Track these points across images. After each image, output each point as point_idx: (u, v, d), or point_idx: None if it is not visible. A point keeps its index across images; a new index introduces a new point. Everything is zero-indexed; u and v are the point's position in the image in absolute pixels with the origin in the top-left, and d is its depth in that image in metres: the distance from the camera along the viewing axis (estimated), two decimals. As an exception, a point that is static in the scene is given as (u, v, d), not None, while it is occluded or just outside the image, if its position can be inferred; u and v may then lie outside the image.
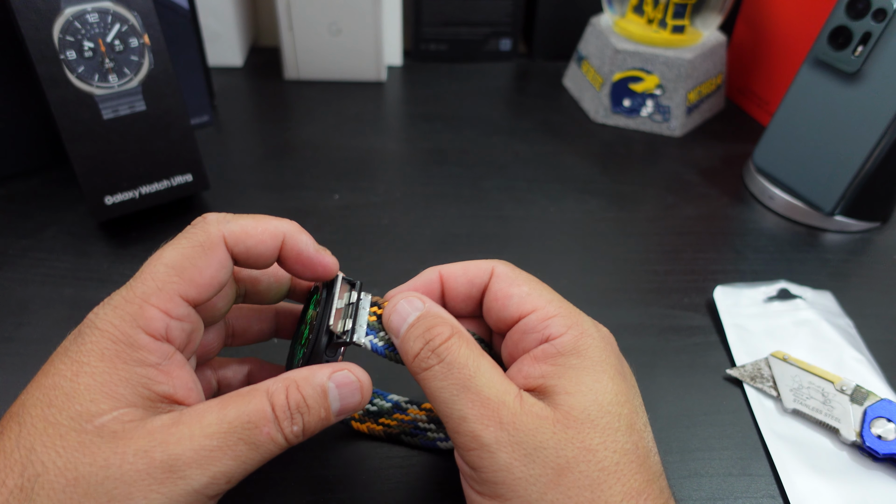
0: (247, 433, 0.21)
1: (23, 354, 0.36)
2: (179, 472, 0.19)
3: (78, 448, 0.19)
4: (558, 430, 0.21)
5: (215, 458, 0.20)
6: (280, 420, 0.21)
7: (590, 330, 0.24)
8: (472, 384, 0.22)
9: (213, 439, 0.20)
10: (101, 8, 0.39)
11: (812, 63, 0.47)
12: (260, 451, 0.21)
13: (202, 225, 0.24)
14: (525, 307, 0.25)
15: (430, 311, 0.25)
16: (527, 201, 0.50)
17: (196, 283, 0.23)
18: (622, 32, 0.60)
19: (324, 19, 0.62)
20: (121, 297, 0.22)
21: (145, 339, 0.21)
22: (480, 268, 0.27)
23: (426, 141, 0.58)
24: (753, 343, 0.38)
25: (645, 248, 0.46)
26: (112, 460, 0.19)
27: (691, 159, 0.57)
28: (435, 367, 0.23)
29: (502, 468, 0.21)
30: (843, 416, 0.33)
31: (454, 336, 0.23)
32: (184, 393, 0.22)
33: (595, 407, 0.22)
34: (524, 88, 0.69)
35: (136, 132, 0.41)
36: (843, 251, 0.47)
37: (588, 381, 0.23)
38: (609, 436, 0.22)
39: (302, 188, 0.50)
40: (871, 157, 0.45)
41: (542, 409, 0.22)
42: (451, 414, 0.22)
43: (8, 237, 0.44)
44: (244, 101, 0.63)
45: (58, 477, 0.19)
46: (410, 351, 0.24)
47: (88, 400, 0.20)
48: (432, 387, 0.23)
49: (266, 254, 0.25)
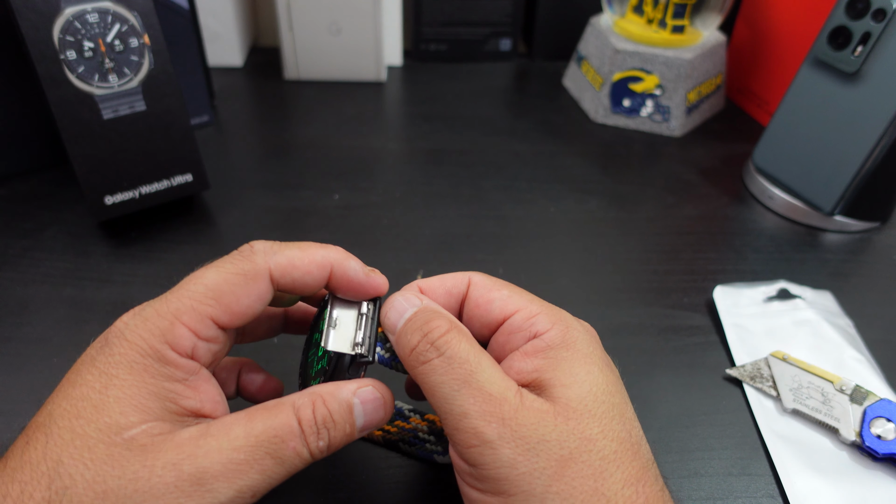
0: (273, 447, 0.21)
1: (23, 354, 0.36)
2: (207, 486, 0.19)
3: (106, 461, 0.19)
4: (559, 422, 0.21)
5: (242, 472, 0.20)
6: (306, 435, 0.22)
7: (574, 324, 0.25)
8: (473, 379, 0.22)
9: (241, 453, 0.20)
10: (101, 8, 0.39)
11: (812, 63, 0.47)
12: (285, 465, 0.21)
13: (249, 253, 0.24)
14: (508, 308, 0.25)
15: (427, 306, 0.25)
16: (527, 201, 0.50)
17: (231, 311, 0.23)
18: (622, 32, 0.60)
19: (324, 19, 0.62)
20: (153, 309, 0.22)
21: (172, 355, 0.22)
22: (457, 279, 0.27)
23: (426, 141, 0.58)
24: (753, 343, 0.38)
25: (645, 248, 0.46)
26: (141, 473, 0.19)
27: (691, 159, 0.57)
28: (434, 361, 0.23)
29: (506, 464, 0.21)
30: (843, 415, 0.33)
31: (453, 330, 0.23)
32: (211, 407, 0.23)
33: (591, 397, 0.22)
34: (524, 88, 0.69)
35: (136, 132, 0.42)
36: (843, 251, 0.47)
37: (581, 373, 0.23)
38: (606, 424, 0.22)
39: (302, 188, 0.50)
40: (871, 157, 0.45)
41: (542, 404, 0.22)
42: (451, 410, 0.22)
43: (8, 237, 0.44)
44: (244, 101, 0.63)
45: (86, 490, 0.19)
46: (407, 344, 0.24)
47: (118, 412, 0.20)
48: (431, 381, 0.22)
49: (313, 284, 0.25)
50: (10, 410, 0.32)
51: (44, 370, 0.34)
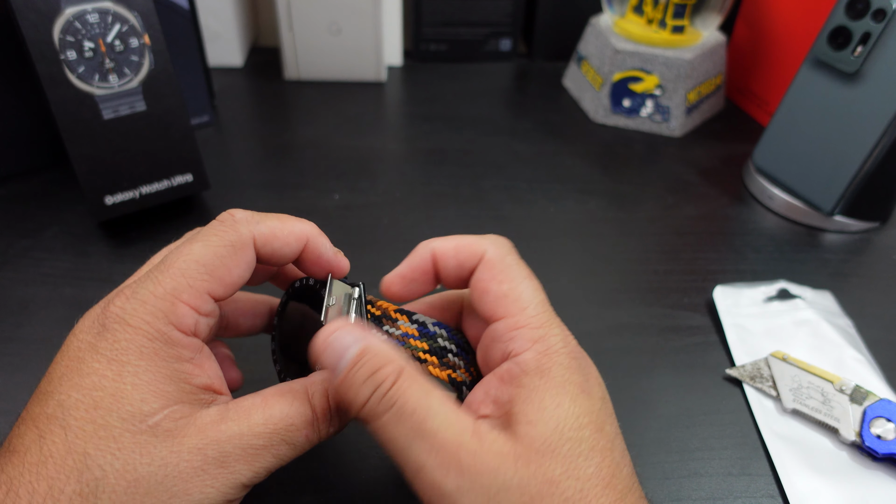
0: (289, 435, 0.22)
1: (23, 354, 0.36)
2: (229, 468, 0.21)
3: (134, 449, 0.20)
4: (520, 466, 0.20)
5: (260, 456, 0.21)
6: (319, 423, 0.23)
7: (555, 345, 0.23)
8: (425, 429, 0.20)
9: (260, 439, 0.21)
10: (102, 8, 0.39)
11: (812, 63, 0.47)
12: (297, 449, 0.22)
13: (231, 223, 0.24)
14: (497, 311, 0.24)
15: (371, 346, 0.22)
16: (527, 201, 0.50)
17: (224, 282, 0.23)
18: (622, 32, 0.60)
19: (324, 19, 0.62)
20: (148, 291, 0.22)
21: (178, 335, 0.22)
22: (471, 250, 0.25)
23: (426, 141, 0.58)
24: (753, 343, 0.38)
25: (645, 248, 0.46)
26: (169, 459, 0.20)
27: (691, 159, 0.57)
28: (384, 416, 0.21)
29: None
30: (843, 415, 0.33)
31: (401, 376, 0.21)
32: (218, 383, 0.23)
33: (556, 435, 0.21)
34: (524, 88, 0.69)
35: (137, 132, 0.42)
36: (843, 251, 0.47)
37: (550, 406, 0.22)
38: (571, 463, 0.21)
39: (302, 188, 0.50)
40: (871, 157, 0.45)
41: (503, 445, 0.21)
42: (406, 463, 0.21)
43: (8, 237, 0.44)
44: (244, 101, 0.63)
45: (118, 480, 0.19)
46: (356, 398, 0.21)
47: (138, 399, 0.20)
48: (384, 437, 0.21)
49: (289, 255, 0.25)
50: (10, 410, 0.32)
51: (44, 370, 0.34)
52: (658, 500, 0.30)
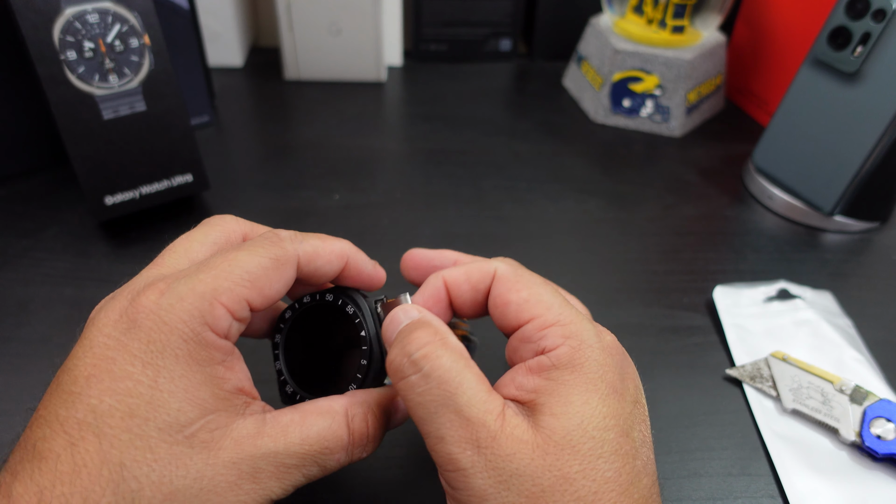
0: (321, 458, 0.22)
1: (23, 354, 0.36)
2: (261, 483, 0.21)
3: (170, 461, 0.19)
4: (536, 456, 0.20)
5: (291, 475, 0.22)
6: (354, 447, 0.23)
7: (589, 340, 0.23)
8: (452, 402, 0.21)
9: (294, 458, 0.22)
10: (102, 8, 0.39)
11: (812, 63, 0.47)
12: (325, 471, 0.23)
13: (277, 240, 0.24)
14: (523, 316, 0.24)
15: (420, 318, 0.23)
16: (527, 201, 0.50)
17: (263, 294, 0.23)
18: (622, 33, 0.60)
19: (324, 19, 0.62)
20: (187, 288, 0.21)
21: (212, 337, 0.21)
22: (482, 271, 0.25)
23: (426, 141, 0.58)
24: (753, 343, 0.38)
25: (645, 248, 0.46)
26: (205, 472, 0.20)
27: (691, 159, 0.57)
28: (412, 378, 0.21)
29: (476, 493, 0.20)
30: (843, 415, 0.33)
31: (433, 344, 0.22)
32: (248, 385, 0.23)
33: (579, 432, 0.21)
34: (524, 88, 0.69)
35: (136, 132, 0.42)
36: (843, 251, 0.47)
37: (577, 402, 0.21)
38: (589, 463, 0.21)
39: (302, 188, 0.50)
40: (871, 157, 0.45)
41: (524, 432, 0.21)
42: (428, 432, 0.21)
43: (8, 237, 0.44)
44: (244, 101, 0.63)
45: (154, 493, 0.19)
46: (388, 358, 0.23)
47: (175, 409, 0.20)
48: (410, 400, 0.22)
49: (330, 274, 0.26)
50: (10, 410, 0.32)
51: (44, 370, 0.34)
52: (658, 500, 0.30)
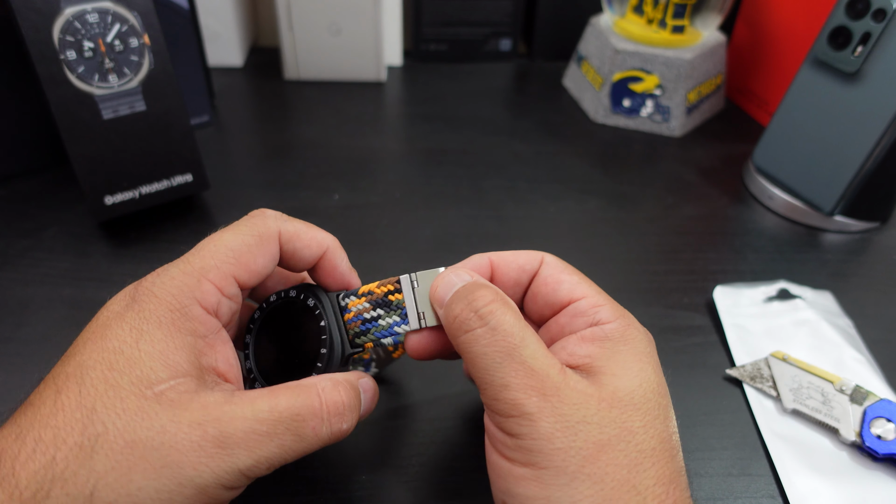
0: (294, 425, 0.22)
1: (23, 354, 0.36)
2: (228, 450, 0.20)
3: (137, 412, 0.20)
4: (602, 408, 0.21)
5: (262, 444, 0.21)
6: (330, 416, 0.23)
7: (636, 323, 0.25)
8: (516, 353, 0.22)
9: (264, 425, 0.21)
10: (101, 8, 0.39)
11: (812, 63, 0.47)
12: (302, 443, 0.22)
13: (261, 218, 0.25)
14: (576, 293, 0.26)
15: (477, 280, 0.25)
16: (527, 201, 0.50)
17: (249, 269, 0.24)
18: (622, 32, 0.60)
19: (324, 19, 0.62)
20: (178, 269, 0.23)
21: (198, 311, 0.23)
22: (531, 255, 0.27)
23: (426, 141, 0.58)
24: (753, 343, 0.38)
25: (645, 248, 0.46)
26: (169, 428, 0.20)
27: (691, 159, 0.57)
28: (478, 331, 0.23)
29: (543, 437, 0.21)
30: (843, 416, 0.33)
31: (497, 301, 0.23)
32: (225, 367, 0.23)
33: (639, 391, 0.22)
34: (524, 88, 0.69)
35: (136, 132, 0.42)
36: (843, 251, 0.47)
37: (634, 368, 0.23)
38: (649, 421, 0.22)
39: (302, 188, 0.50)
40: (871, 157, 0.45)
41: (587, 387, 0.22)
42: (492, 380, 0.22)
43: (8, 237, 0.44)
44: (244, 101, 0.63)
45: (117, 438, 0.19)
46: (451, 313, 0.24)
47: (149, 367, 0.21)
48: (473, 351, 0.22)
49: (308, 259, 0.26)
50: (10, 410, 0.32)
51: (44, 370, 0.34)
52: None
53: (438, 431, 0.33)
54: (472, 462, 0.31)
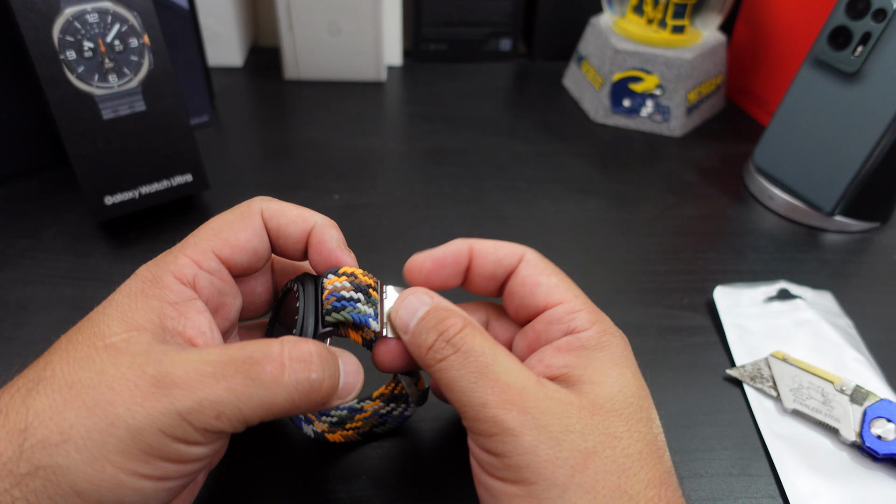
0: (246, 367, 0.20)
1: (23, 354, 0.35)
2: (165, 390, 0.19)
3: (84, 359, 0.20)
4: (584, 415, 0.21)
5: (205, 385, 0.19)
6: (288, 361, 0.21)
7: (612, 329, 0.25)
8: (490, 371, 0.22)
9: (209, 366, 0.20)
10: (101, 8, 0.39)
11: (812, 63, 0.47)
12: (259, 388, 0.20)
13: (247, 201, 0.26)
14: (553, 298, 0.25)
15: (439, 304, 0.25)
16: (527, 201, 0.50)
17: (229, 243, 0.25)
18: (622, 32, 0.60)
19: (324, 19, 0.62)
20: (164, 253, 0.25)
21: (171, 280, 0.23)
22: (511, 250, 0.27)
23: (426, 141, 0.58)
24: (753, 343, 0.38)
25: (645, 248, 0.46)
26: (108, 369, 0.20)
27: (691, 159, 0.57)
28: (451, 357, 0.23)
29: (527, 451, 0.21)
30: (843, 416, 0.33)
31: (467, 327, 0.23)
32: (194, 333, 0.23)
33: (620, 397, 0.22)
34: (524, 88, 0.69)
35: (136, 132, 0.41)
36: (843, 251, 0.47)
37: (612, 374, 0.23)
38: (633, 426, 0.22)
39: (302, 188, 0.50)
40: (871, 157, 0.45)
41: (566, 395, 0.22)
42: (470, 402, 0.22)
43: (8, 237, 0.44)
44: (244, 101, 0.63)
45: (58, 380, 0.20)
46: (423, 343, 0.24)
47: (104, 324, 0.22)
48: (449, 377, 0.23)
49: (295, 236, 0.26)
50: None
51: (44, 370, 0.34)
52: (658, 500, 0.30)
53: (439, 431, 0.33)
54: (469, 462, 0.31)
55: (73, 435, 0.19)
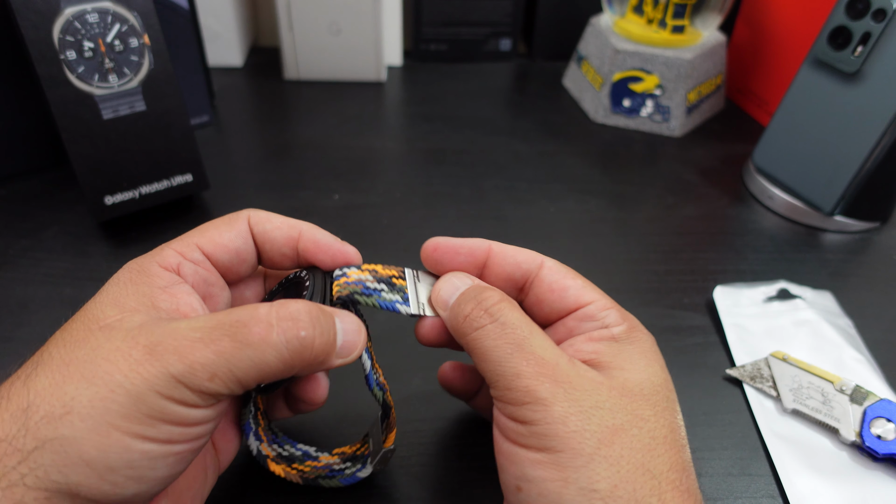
0: (233, 330, 0.20)
1: (23, 354, 0.35)
2: (157, 356, 0.20)
3: (79, 340, 0.21)
4: (613, 395, 0.22)
5: (195, 349, 0.20)
6: (280, 321, 0.21)
7: (641, 327, 0.26)
8: (526, 343, 0.23)
9: (197, 332, 0.20)
10: (101, 8, 0.39)
11: (812, 63, 0.47)
12: (248, 349, 0.20)
13: (236, 212, 0.27)
14: (584, 298, 0.26)
15: (480, 283, 0.26)
16: (527, 201, 0.50)
17: (213, 241, 0.26)
18: (622, 32, 0.60)
19: (324, 19, 0.62)
20: (155, 250, 0.25)
21: (156, 269, 0.24)
22: (531, 256, 0.27)
23: (426, 141, 0.58)
24: (753, 343, 0.38)
25: (645, 248, 0.46)
26: (103, 345, 0.20)
27: (691, 159, 0.57)
28: (488, 326, 0.23)
29: (558, 420, 0.21)
30: (843, 416, 0.33)
31: (505, 300, 0.24)
32: (187, 310, 0.24)
33: (648, 384, 0.23)
34: (524, 88, 0.69)
35: (136, 132, 0.42)
36: (843, 251, 0.47)
37: (641, 363, 0.24)
38: (660, 411, 0.23)
39: (302, 188, 0.50)
40: (871, 157, 0.45)
41: (597, 375, 0.23)
42: (503, 371, 0.22)
43: (8, 237, 0.44)
44: (244, 101, 0.63)
45: (57, 361, 0.20)
46: (461, 313, 0.25)
47: (98, 310, 0.22)
48: (485, 346, 0.23)
49: (280, 240, 0.27)
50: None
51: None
52: (658, 500, 0.30)
53: (439, 430, 0.33)
54: (474, 461, 0.31)
55: (75, 406, 0.19)
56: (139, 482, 0.19)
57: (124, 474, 0.19)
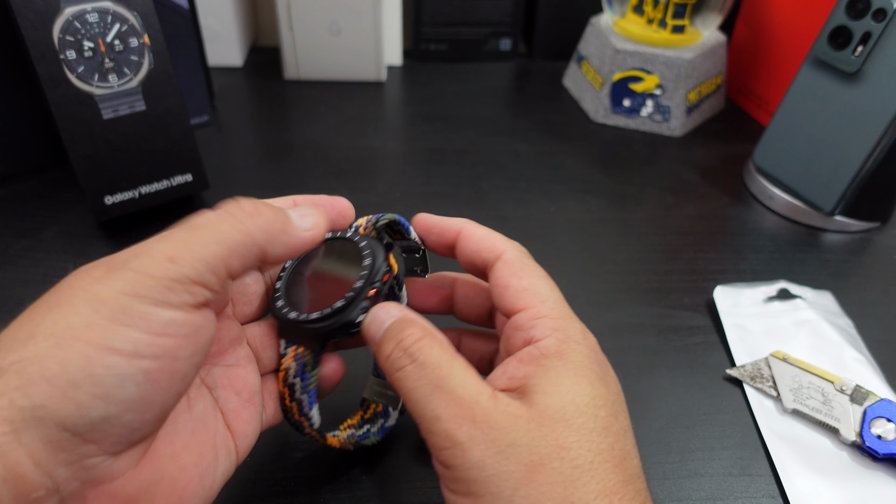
0: (186, 223, 0.23)
1: (23, 354, 0.35)
2: (118, 266, 0.21)
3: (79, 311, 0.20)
4: (532, 427, 0.21)
5: (152, 245, 0.22)
6: (223, 206, 0.24)
7: (575, 336, 0.24)
8: (445, 384, 0.22)
9: (154, 237, 0.23)
10: (101, 8, 0.39)
11: (812, 63, 0.47)
12: (203, 231, 0.24)
13: None
14: (518, 303, 0.25)
15: (405, 316, 0.25)
16: (527, 201, 0.50)
17: None
18: (622, 32, 0.60)
19: (324, 19, 0.62)
20: None
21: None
22: (492, 244, 0.27)
23: (426, 141, 0.58)
24: (753, 343, 0.38)
25: (645, 248, 0.46)
26: (63, 288, 0.21)
27: (691, 159, 0.57)
28: (408, 367, 0.23)
29: (475, 465, 0.21)
30: (843, 415, 0.33)
31: (426, 337, 0.23)
32: None
33: (571, 407, 0.22)
34: (524, 88, 0.69)
35: (136, 132, 0.41)
36: (843, 251, 0.47)
37: (567, 383, 0.23)
38: (584, 435, 0.21)
39: (302, 188, 0.50)
40: (871, 157, 0.45)
41: (517, 408, 0.22)
42: (424, 414, 0.22)
43: (8, 237, 0.44)
44: (244, 101, 0.63)
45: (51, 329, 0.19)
46: (383, 352, 0.24)
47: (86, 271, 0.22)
48: (405, 387, 0.23)
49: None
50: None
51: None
52: (658, 500, 0.30)
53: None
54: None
55: (39, 330, 0.19)
56: (106, 401, 0.18)
57: (88, 391, 0.18)
